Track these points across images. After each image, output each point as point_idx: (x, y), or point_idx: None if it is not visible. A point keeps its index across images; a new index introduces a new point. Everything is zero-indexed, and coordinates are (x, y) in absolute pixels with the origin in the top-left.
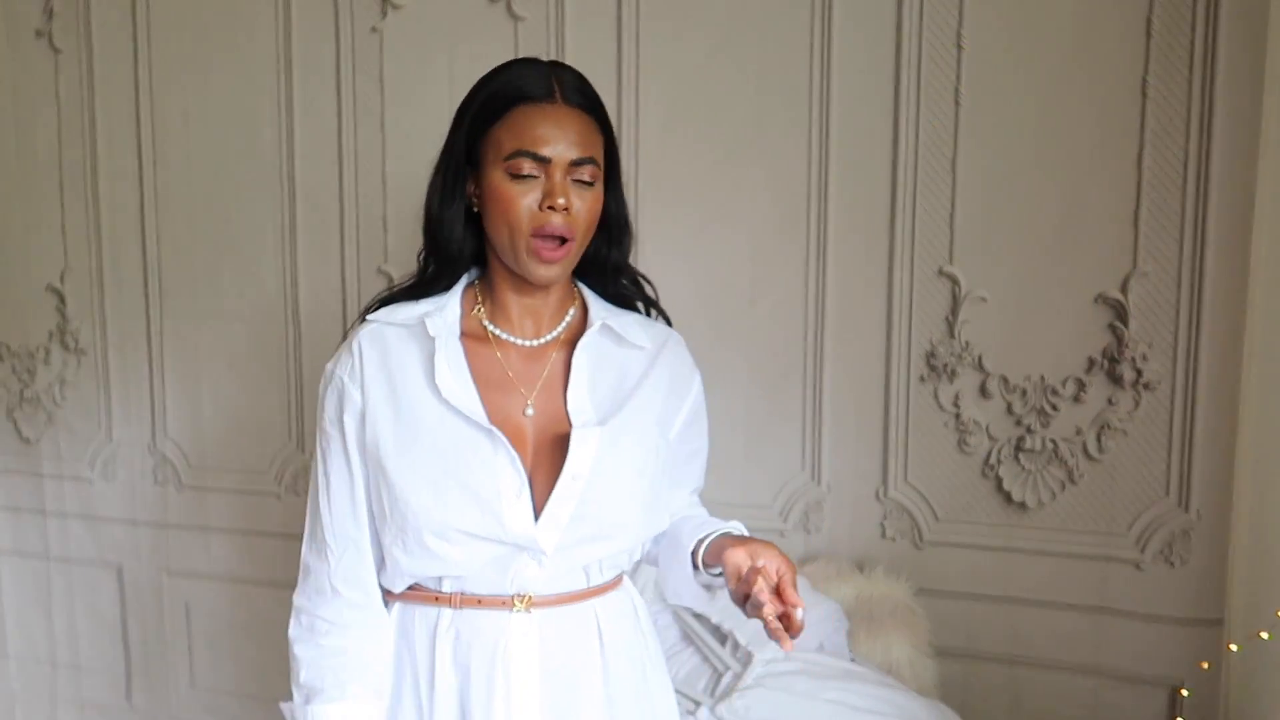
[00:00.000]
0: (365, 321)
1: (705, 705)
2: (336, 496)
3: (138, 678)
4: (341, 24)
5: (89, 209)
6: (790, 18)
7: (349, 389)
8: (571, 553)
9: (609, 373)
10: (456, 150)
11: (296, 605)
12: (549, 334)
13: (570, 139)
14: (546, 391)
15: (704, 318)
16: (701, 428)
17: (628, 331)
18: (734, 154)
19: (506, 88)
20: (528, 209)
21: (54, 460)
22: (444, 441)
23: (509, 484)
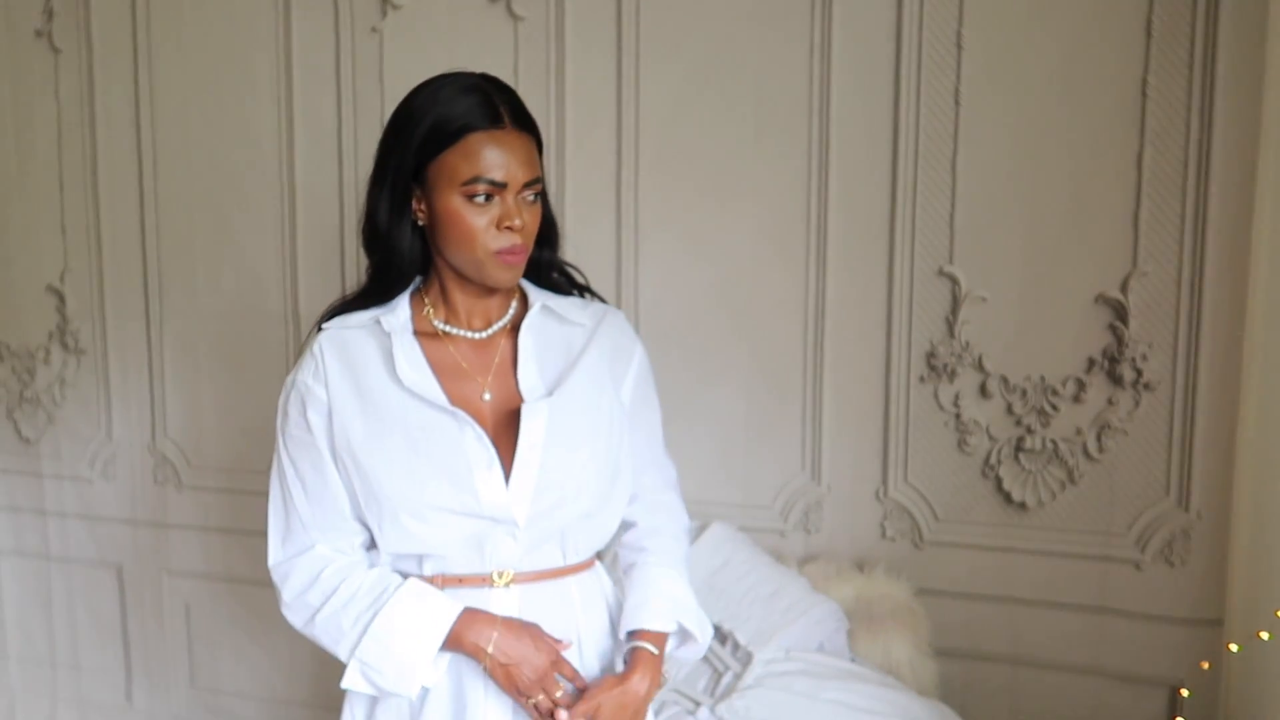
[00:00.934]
0: (321, 329)
1: (705, 705)
2: (313, 494)
3: (138, 678)
4: (341, 24)
5: (89, 209)
6: (791, 17)
7: (313, 389)
8: (543, 523)
9: (554, 350)
10: (404, 170)
11: (288, 599)
12: (496, 324)
13: (520, 160)
14: (500, 376)
15: (704, 318)
16: (648, 397)
17: (567, 311)
18: (735, 153)
19: (456, 115)
20: (486, 229)
21: (54, 460)
22: (412, 427)
23: (479, 458)
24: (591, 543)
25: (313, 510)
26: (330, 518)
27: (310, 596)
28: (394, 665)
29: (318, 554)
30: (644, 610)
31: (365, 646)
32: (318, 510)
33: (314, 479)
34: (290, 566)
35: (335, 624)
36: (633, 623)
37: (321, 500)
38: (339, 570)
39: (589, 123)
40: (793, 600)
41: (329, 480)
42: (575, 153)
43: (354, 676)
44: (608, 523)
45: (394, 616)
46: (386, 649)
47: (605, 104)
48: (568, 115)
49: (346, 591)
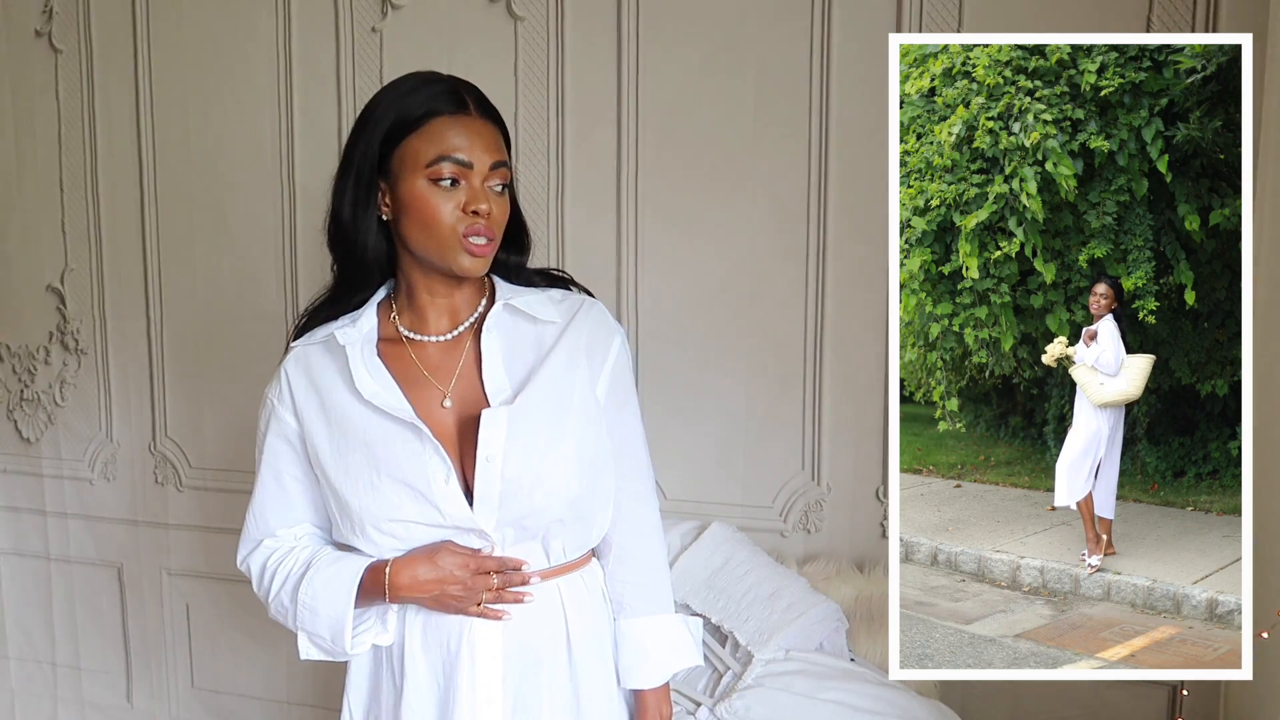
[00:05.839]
0: (290, 348)
1: (705, 705)
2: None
3: (138, 678)
4: (341, 24)
5: (89, 209)
6: (790, 17)
7: (279, 412)
8: (518, 529)
9: (524, 350)
10: (368, 160)
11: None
12: (464, 324)
13: (486, 144)
14: (464, 380)
15: (704, 318)
16: (624, 397)
17: (535, 309)
18: (734, 153)
19: (419, 102)
20: (452, 214)
21: (54, 460)
22: (373, 440)
23: (436, 471)
24: (580, 542)
25: (273, 517)
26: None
27: (265, 585)
28: (326, 627)
29: (264, 546)
30: (638, 673)
31: (301, 615)
32: (275, 516)
33: (273, 487)
34: (247, 565)
35: (280, 603)
36: (630, 683)
37: (278, 506)
38: (279, 556)
39: (589, 122)
40: (793, 600)
41: (288, 490)
42: (575, 152)
43: (304, 645)
44: (595, 521)
45: (314, 581)
46: (314, 613)
47: (605, 104)
48: (568, 115)
49: (284, 571)
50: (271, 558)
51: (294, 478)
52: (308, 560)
